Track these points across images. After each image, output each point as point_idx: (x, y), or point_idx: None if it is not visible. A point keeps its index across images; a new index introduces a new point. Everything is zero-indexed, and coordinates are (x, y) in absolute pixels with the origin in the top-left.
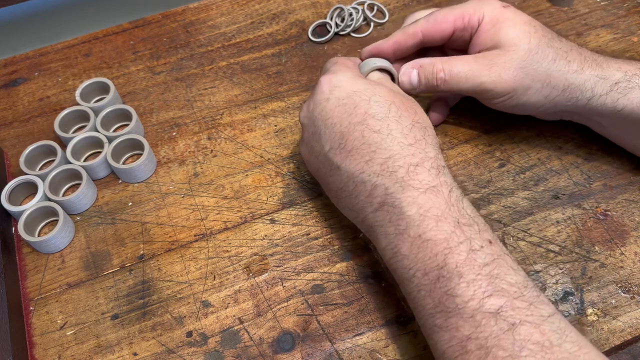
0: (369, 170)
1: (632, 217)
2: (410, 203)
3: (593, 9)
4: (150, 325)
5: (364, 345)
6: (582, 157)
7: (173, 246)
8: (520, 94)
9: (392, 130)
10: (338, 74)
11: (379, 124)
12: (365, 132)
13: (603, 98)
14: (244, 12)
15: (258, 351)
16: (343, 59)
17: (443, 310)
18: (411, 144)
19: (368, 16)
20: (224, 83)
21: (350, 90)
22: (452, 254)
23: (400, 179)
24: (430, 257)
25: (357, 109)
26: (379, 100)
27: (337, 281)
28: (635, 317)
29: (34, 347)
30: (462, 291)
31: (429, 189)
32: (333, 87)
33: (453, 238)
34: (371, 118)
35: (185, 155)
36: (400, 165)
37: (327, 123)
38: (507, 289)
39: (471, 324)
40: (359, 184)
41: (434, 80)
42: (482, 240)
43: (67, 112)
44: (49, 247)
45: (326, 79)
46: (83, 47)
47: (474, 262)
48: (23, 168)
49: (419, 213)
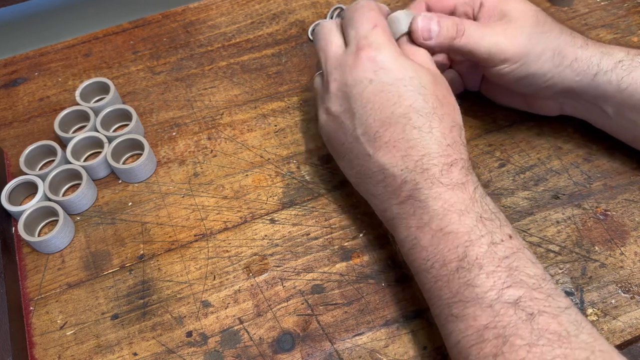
0: (403, 165)
1: (632, 217)
2: (436, 198)
3: (593, 9)
4: (150, 325)
5: (364, 345)
6: (582, 157)
7: (173, 246)
8: (532, 61)
9: (433, 128)
10: (383, 52)
11: (422, 120)
12: (407, 126)
13: (608, 75)
14: (244, 12)
15: (258, 351)
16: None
17: (461, 300)
18: (449, 145)
19: None
20: (224, 83)
21: (397, 76)
22: (473, 246)
23: (431, 176)
24: (450, 249)
25: (402, 99)
26: (426, 94)
27: (337, 281)
28: (635, 317)
29: (34, 347)
30: (481, 282)
31: (456, 186)
32: (378, 67)
33: (475, 231)
34: (415, 112)
35: (185, 155)
36: (435, 163)
37: (366, 106)
38: (526, 280)
39: (489, 314)
40: (389, 176)
41: (453, 31)
42: (503, 234)
43: (67, 112)
44: (49, 247)
45: (369, 56)
46: (83, 47)
47: (494, 255)
48: (23, 168)
49: (444, 207)
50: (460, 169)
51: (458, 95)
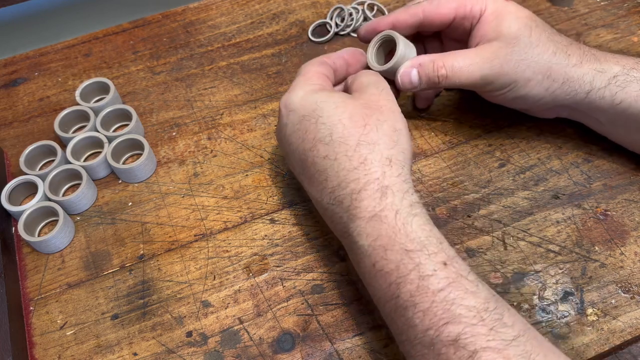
0: (325, 198)
1: (632, 217)
2: (359, 233)
3: (593, 9)
4: (150, 325)
5: (363, 345)
6: (582, 157)
7: (173, 246)
8: (521, 86)
9: (337, 154)
10: (292, 93)
11: (326, 149)
12: (316, 159)
13: (602, 92)
14: (244, 12)
15: (258, 351)
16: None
17: (407, 340)
18: (355, 167)
19: (368, 16)
20: (224, 83)
21: (301, 114)
22: (404, 283)
23: (347, 208)
24: (385, 288)
25: (308, 134)
26: (325, 122)
27: (337, 281)
28: (635, 317)
29: (34, 347)
30: (419, 321)
31: (373, 217)
32: (288, 111)
33: (401, 268)
34: (319, 143)
35: (185, 155)
36: (345, 194)
37: (289, 148)
38: (464, 314)
39: (433, 353)
40: (323, 209)
41: (435, 78)
42: (434, 263)
43: (67, 112)
44: (49, 247)
45: (283, 101)
46: (83, 47)
47: (426, 290)
48: (23, 168)
49: (368, 243)
50: (372, 193)
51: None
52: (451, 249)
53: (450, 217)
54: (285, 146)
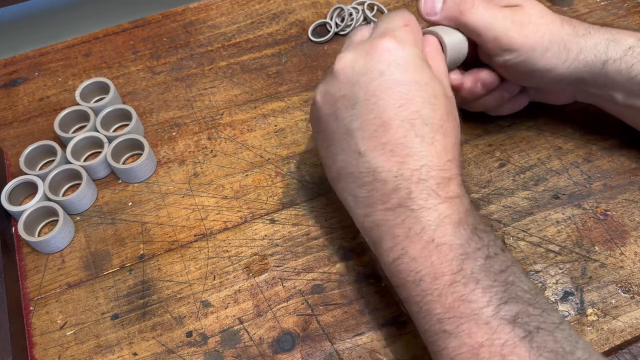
0: (398, 172)
1: (632, 217)
2: (431, 209)
3: (593, 9)
4: (150, 325)
5: (364, 345)
6: (582, 157)
7: (173, 246)
8: (540, 56)
9: (436, 141)
10: (405, 48)
11: (426, 130)
12: (410, 132)
13: (617, 63)
14: (244, 12)
15: (258, 351)
16: (413, 21)
17: (455, 316)
18: (449, 160)
19: (368, 16)
20: (224, 83)
21: (411, 77)
22: (469, 259)
23: (428, 187)
24: (443, 262)
25: (410, 103)
26: (435, 105)
27: (337, 281)
28: (635, 317)
29: (34, 347)
30: (477, 297)
31: (453, 198)
32: (394, 62)
33: (471, 244)
34: (421, 120)
35: (185, 155)
36: (433, 175)
37: (369, 99)
38: (522, 295)
39: (486, 331)
40: (380, 180)
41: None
42: (497, 247)
43: (67, 112)
44: (49, 247)
45: (388, 46)
46: (83, 47)
47: (490, 269)
48: (23, 168)
49: (438, 219)
50: (457, 185)
51: None
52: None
53: None
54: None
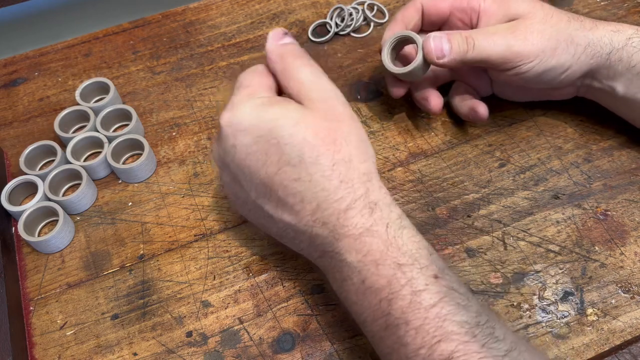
0: (302, 221)
1: (632, 217)
2: (348, 250)
3: (593, 9)
4: (150, 325)
5: (364, 345)
6: (582, 157)
7: (173, 246)
8: (549, 56)
9: (312, 175)
10: (235, 110)
11: (297, 171)
12: (286, 181)
13: (620, 53)
14: (244, 12)
15: (258, 351)
16: (255, 74)
17: (400, 357)
18: (336, 187)
19: (368, 16)
20: (224, 83)
21: (255, 134)
22: (395, 299)
23: (332, 228)
24: (375, 304)
25: (269, 156)
26: (289, 142)
27: None
28: (635, 317)
29: (34, 347)
30: (410, 339)
31: (363, 232)
32: (235, 130)
33: (394, 282)
34: (286, 165)
35: (185, 155)
36: (329, 214)
37: (244, 171)
38: (456, 331)
39: None
40: (298, 232)
41: (464, 45)
42: (426, 277)
43: (67, 112)
44: (49, 247)
45: (226, 120)
46: (83, 47)
47: (419, 306)
48: (23, 168)
49: (357, 259)
50: (360, 210)
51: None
52: (440, 260)
53: (450, 217)
54: (235, 168)
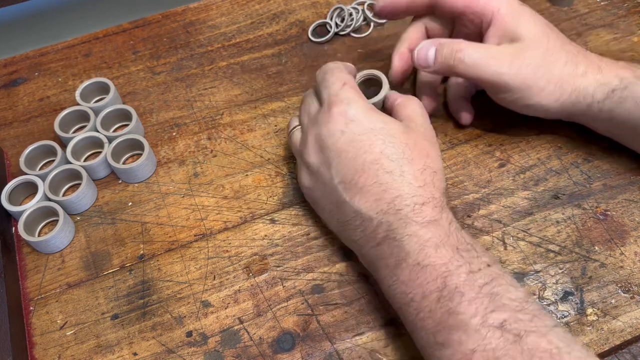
0: (377, 208)
1: (632, 217)
2: (411, 235)
3: (593, 9)
4: (150, 325)
5: (364, 345)
6: (582, 157)
7: (173, 246)
8: (535, 94)
9: (404, 172)
10: (352, 106)
11: (392, 165)
12: (379, 171)
13: (600, 105)
14: (244, 12)
15: (258, 351)
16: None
17: (445, 328)
18: (420, 186)
19: (368, 16)
20: (224, 83)
21: (367, 126)
22: (451, 276)
23: (404, 215)
24: (429, 281)
25: (373, 147)
26: (394, 142)
27: (337, 281)
28: (635, 317)
29: (34, 347)
30: (464, 309)
31: (430, 222)
32: (349, 120)
33: (452, 262)
34: (385, 158)
35: (185, 155)
36: (407, 204)
37: (340, 155)
38: (508, 304)
39: (476, 338)
40: (366, 220)
41: (450, 60)
42: (481, 263)
43: (67, 112)
44: (49, 247)
45: (340, 110)
46: (83, 47)
47: (473, 282)
48: (23, 168)
49: (419, 243)
50: (432, 207)
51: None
52: (493, 257)
53: None
54: (332, 151)
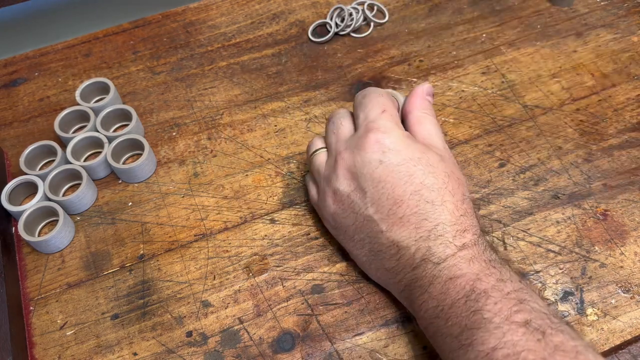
0: (417, 236)
1: (632, 217)
2: (448, 256)
3: (593, 9)
4: (150, 325)
5: (364, 345)
6: (582, 157)
7: (173, 246)
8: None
9: (445, 201)
10: (390, 135)
11: (434, 195)
12: (420, 202)
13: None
14: (244, 12)
15: (258, 351)
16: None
17: (469, 328)
18: (462, 215)
19: (368, 16)
20: (224, 83)
21: (405, 156)
22: (480, 281)
23: (445, 240)
24: (458, 290)
25: (413, 178)
26: (434, 172)
27: (337, 281)
28: (635, 317)
29: (34, 347)
30: (489, 307)
31: (467, 245)
32: (387, 149)
33: (483, 271)
34: (426, 189)
35: (185, 155)
36: (448, 230)
37: (377, 186)
38: (534, 307)
39: (498, 335)
40: (404, 248)
41: None
42: (511, 275)
43: (67, 112)
44: (49, 247)
45: (377, 138)
46: (83, 47)
47: (502, 287)
48: (23, 168)
49: (454, 262)
50: (472, 234)
51: None
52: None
53: None
54: (368, 180)
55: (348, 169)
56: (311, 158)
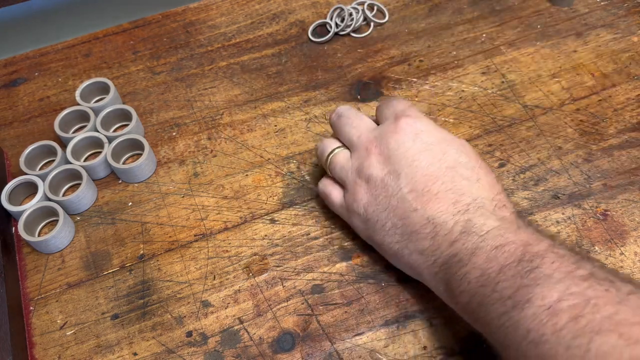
0: (455, 210)
1: (632, 217)
2: (490, 226)
3: (593, 9)
4: (150, 325)
5: (364, 345)
6: (582, 157)
7: (173, 246)
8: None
9: (481, 179)
10: (421, 120)
11: (469, 172)
12: (456, 177)
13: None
14: (244, 12)
15: (258, 351)
16: (411, 104)
17: (525, 286)
18: (499, 192)
19: (368, 16)
20: (224, 83)
21: (439, 136)
22: (532, 246)
23: (487, 211)
24: (507, 257)
25: (447, 155)
26: (468, 152)
27: (337, 281)
28: None
29: (34, 347)
30: (547, 266)
31: (509, 216)
32: (419, 130)
33: (532, 238)
34: (461, 166)
35: (185, 155)
36: (488, 203)
37: (412, 164)
38: (597, 265)
39: (559, 289)
40: (440, 224)
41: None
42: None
43: (67, 112)
44: (49, 247)
45: (408, 122)
46: (83, 47)
47: (557, 251)
48: (23, 168)
49: (499, 229)
50: (510, 211)
51: None
52: None
53: None
54: (402, 160)
55: (381, 153)
56: (329, 159)
